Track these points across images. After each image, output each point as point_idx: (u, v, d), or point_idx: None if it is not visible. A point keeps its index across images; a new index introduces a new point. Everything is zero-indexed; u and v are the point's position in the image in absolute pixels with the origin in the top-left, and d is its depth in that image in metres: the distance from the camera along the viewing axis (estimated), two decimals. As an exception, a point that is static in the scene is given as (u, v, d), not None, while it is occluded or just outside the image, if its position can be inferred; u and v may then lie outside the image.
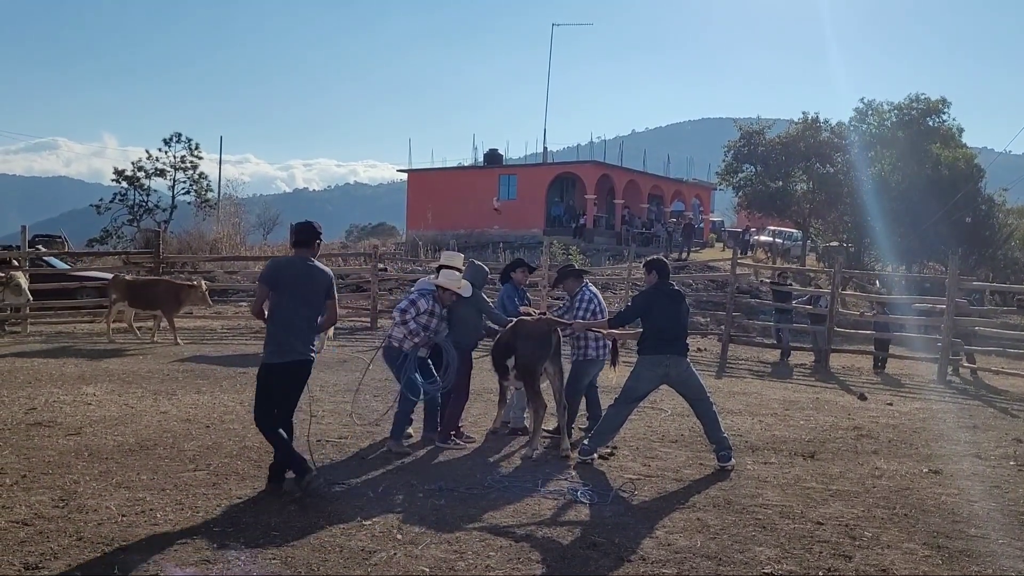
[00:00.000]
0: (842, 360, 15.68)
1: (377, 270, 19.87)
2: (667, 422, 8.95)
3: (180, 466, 6.58)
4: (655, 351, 7.06)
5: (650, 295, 7.25)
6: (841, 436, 8.77)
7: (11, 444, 7.05)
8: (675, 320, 7.14)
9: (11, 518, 5.18)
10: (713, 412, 7.14)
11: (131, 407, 8.91)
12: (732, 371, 14.11)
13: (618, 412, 7.12)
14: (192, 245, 29.02)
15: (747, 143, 33.82)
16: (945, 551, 5.18)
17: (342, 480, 6.31)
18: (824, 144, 32.69)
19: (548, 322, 7.60)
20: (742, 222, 40.84)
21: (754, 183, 33.97)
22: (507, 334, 7.65)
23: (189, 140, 42.99)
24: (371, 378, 8.89)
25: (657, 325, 7.07)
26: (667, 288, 7.28)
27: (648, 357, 7.09)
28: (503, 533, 5.21)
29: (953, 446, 8.52)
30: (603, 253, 32.60)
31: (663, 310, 7.11)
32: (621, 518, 5.60)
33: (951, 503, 6.29)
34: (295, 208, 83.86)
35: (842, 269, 16.82)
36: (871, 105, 33.51)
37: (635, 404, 7.33)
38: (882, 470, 7.31)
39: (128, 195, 42.37)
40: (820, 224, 35.18)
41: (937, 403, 11.63)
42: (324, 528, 5.18)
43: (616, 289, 22.87)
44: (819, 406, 10.67)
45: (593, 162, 41.73)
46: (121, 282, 15.22)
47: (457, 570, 4.59)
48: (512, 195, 40.12)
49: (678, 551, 4.99)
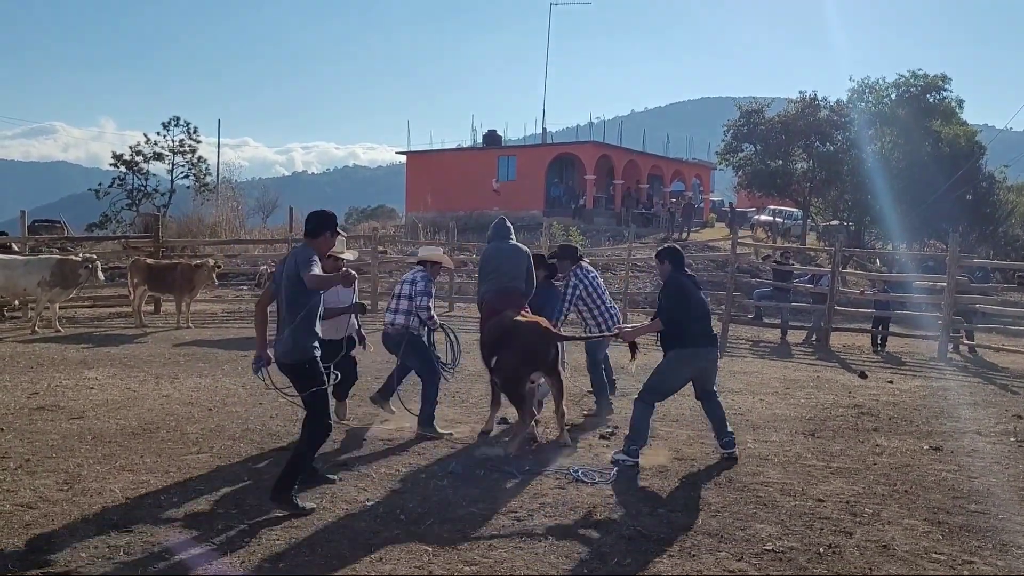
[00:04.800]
0: (842, 339, 15.70)
1: (377, 252, 19.85)
2: (668, 402, 8.96)
3: (183, 449, 6.60)
4: (694, 344, 6.58)
5: (681, 285, 6.70)
6: (842, 414, 8.80)
7: (15, 428, 7.08)
8: (706, 309, 6.79)
9: (16, 501, 5.21)
10: (721, 412, 6.78)
11: (133, 391, 8.93)
12: (733, 351, 14.13)
13: (646, 410, 6.58)
14: (191, 229, 28.96)
15: (747, 122, 33.71)
16: (946, 527, 5.21)
17: (347, 463, 6.33)
18: (823, 122, 32.58)
19: (543, 333, 6.77)
20: (742, 202, 40.73)
21: (754, 162, 33.89)
22: (494, 333, 6.90)
23: (187, 124, 42.91)
24: (372, 360, 8.88)
25: (694, 316, 6.59)
26: (688, 276, 6.87)
27: (687, 351, 6.58)
28: (505, 513, 5.24)
29: (953, 423, 8.55)
30: (603, 234, 32.55)
31: (697, 300, 6.68)
32: (622, 496, 5.62)
33: (951, 479, 6.32)
34: (294, 192, 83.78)
35: (843, 248, 16.81)
36: (865, 83, 33.38)
37: (663, 400, 6.89)
38: (883, 447, 7.34)
39: (127, 179, 42.31)
40: (820, 203, 35.13)
41: (937, 380, 11.65)
42: (328, 510, 5.21)
43: (616, 270, 22.89)
44: (819, 384, 10.70)
45: (592, 142, 41.58)
46: (141, 265, 15.30)
47: (460, 549, 4.62)
48: (511, 176, 40.02)
49: (680, 529, 5.01)
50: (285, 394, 5.61)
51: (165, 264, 15.95)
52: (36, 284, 13.62)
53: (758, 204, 39.33)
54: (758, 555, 4.66)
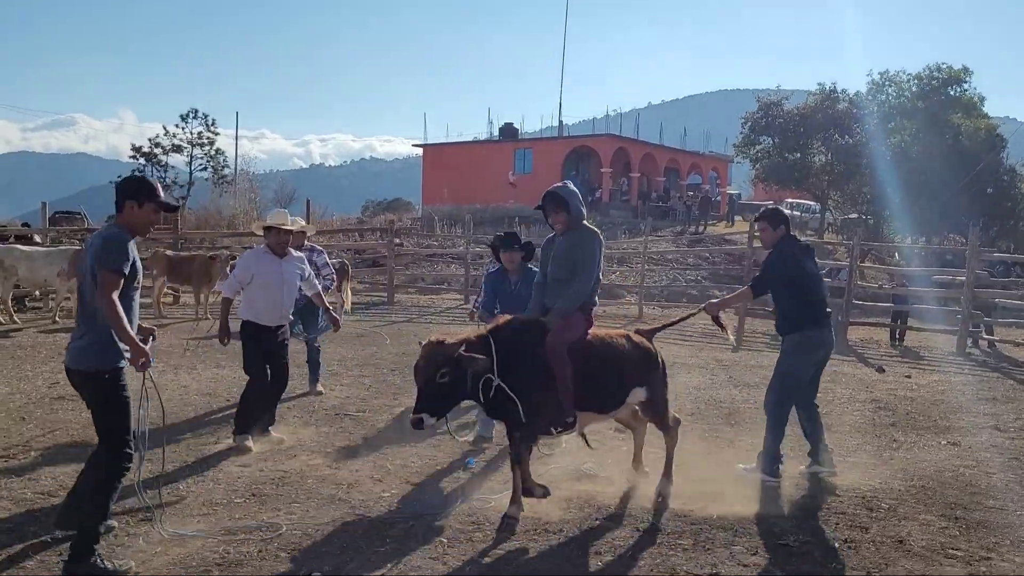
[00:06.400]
0: (860, 333, 15.60)
1: (393, 245, 19.91)
2: (683, 395, 8.96)
3: (202, 439, 6.67)
4: (818, 325, 5.85)
5: (797, 253, 5.91)
6: (859, 408, 8.76)
7: (36, 418, 7.17)
8: (823, 284, 6.09)
9: (37, 490, 5.29)
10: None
11: (149, 382, 8.98)
12: (749, 344, 14.08)
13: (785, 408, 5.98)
14: (209, 221, 29.17)
15: (765, 114, 33.50)
16: (962, 522, 5.18)
17: (360, 453, 6.37)
18: (842, 115, 32.34)
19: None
20: (758, 195, 40.49)
21: (771, 155, 33.68)
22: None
23: (206, 116, 43.06)
24: (388, 352, 8.92)
25: (816, 291, 5.88)
26: (803, 244, 6.09)
27: (812, 334, 5.85)
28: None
29: (972, 418, 8.49)
30: (619, 227, 32.47)
31: (814, 272, 5.91)
32: (636, 489, 5.62)
33: (969, 475, 6.28)
34: (312, 184, 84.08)
35: (861, 241, 16.70)
36: (886, 76, 33.09)
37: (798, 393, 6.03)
38: (900, 442, 7.30)
39: (146, 171, 42.55)
40: (838, 196, 34.88)
41: (956, 375, 11.57)
42: (344, 500, 5.24)
43: (632, 263, 22.84)
44: (836, 379, 10.63)
45: (609, 135, 41.47)
46: (162, 258, 15.46)
47: (474, 540, 4.64)
48: (528, 169, 39.97)
49: (694, 522, 5.01)
50: None
51: (184, 256, 16.09)
52: (56, 275, 13.76)
53: (775, 197, 39.10)
54: (773, 549, 4.66)
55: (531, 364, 4.89)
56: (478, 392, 4.80)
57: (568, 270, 5.21)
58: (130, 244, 4.32)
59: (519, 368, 4.85)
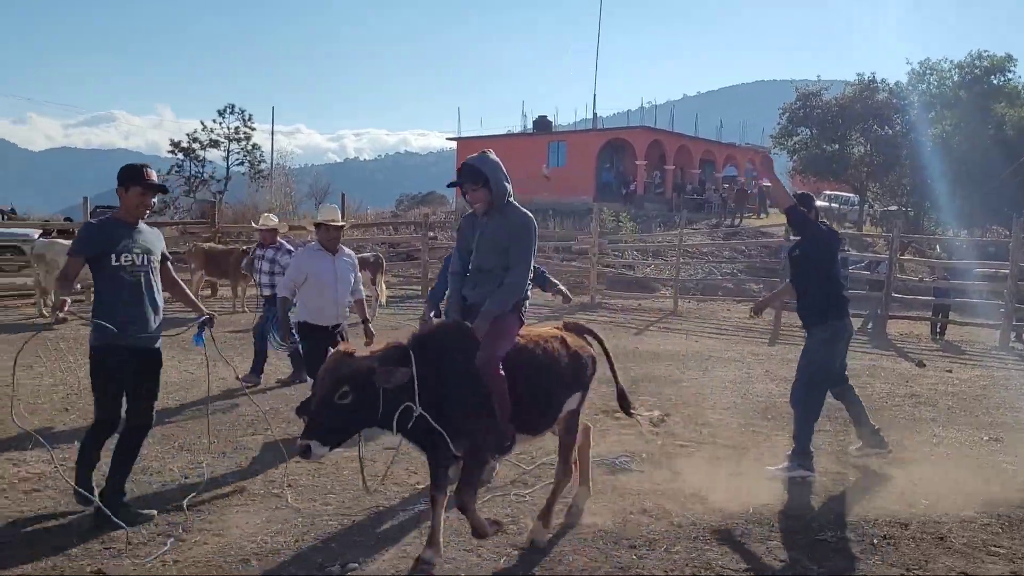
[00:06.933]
0: (899, 327, 15.37)
1: (428, 239, 19.99)
2: (718, 389, 8.90)
3: (239, 431, 6.76)
4: (842, 315, 5.87)
5: (830, 239, 5.85)
6: (898, 403, 8.63)
7: (78, 409, 7.31)
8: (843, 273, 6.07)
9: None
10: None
11: (191, 373, 9.14)
12: (786, 338, 13.93)
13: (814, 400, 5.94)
14: (246, 215, 29.50)
15: (803, 105, 33.05)
16: (1005, 520, 5.08)
17: (394, 444, 6.40)
18: (882, 105, 31.80)
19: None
20: (796, 186, 39.96)
21: (809, 147, 33.23)
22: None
23: (242, 111, 43.61)
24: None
25: (839, 279, 5.87)
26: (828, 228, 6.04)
27: (837, 324, 5.86)
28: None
29: (1015, 414, 8.33)
30: (653, 219, 32.27)
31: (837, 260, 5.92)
32: (671, 484, 5.59)
33: (1011, 471, 6.16)
34: (346, 178, 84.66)
35: (901, 234, 16.44)
36: (926, 65, 32.46)
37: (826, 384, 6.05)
38: (940, 437, 7.19)
39: (184, 166, 43.17)
40: (877, 188, 34.32)
41: (999, 370, 11.35)
42: (380, 492, 5.28)
43: (667, 256, 22.71)
44: (875, 373, 10.49)
45: (644, 127, 41.18)
46: (199, 252, 15.71)
47: (508, 532, 4.65)
48: (562, 162, 39.84)
49: (729, 516, 4.98)
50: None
51: (221, 250, 16.30)
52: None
53: (813, 189, 38.56)
54: (810, 545, 4.61)
55: (463, 382, 4.10)
56: (391, 420, 3.95)
57: (496, 260, 4.42)
58: (96, 228, 4.85)
59: (448, 389, 4.07)
